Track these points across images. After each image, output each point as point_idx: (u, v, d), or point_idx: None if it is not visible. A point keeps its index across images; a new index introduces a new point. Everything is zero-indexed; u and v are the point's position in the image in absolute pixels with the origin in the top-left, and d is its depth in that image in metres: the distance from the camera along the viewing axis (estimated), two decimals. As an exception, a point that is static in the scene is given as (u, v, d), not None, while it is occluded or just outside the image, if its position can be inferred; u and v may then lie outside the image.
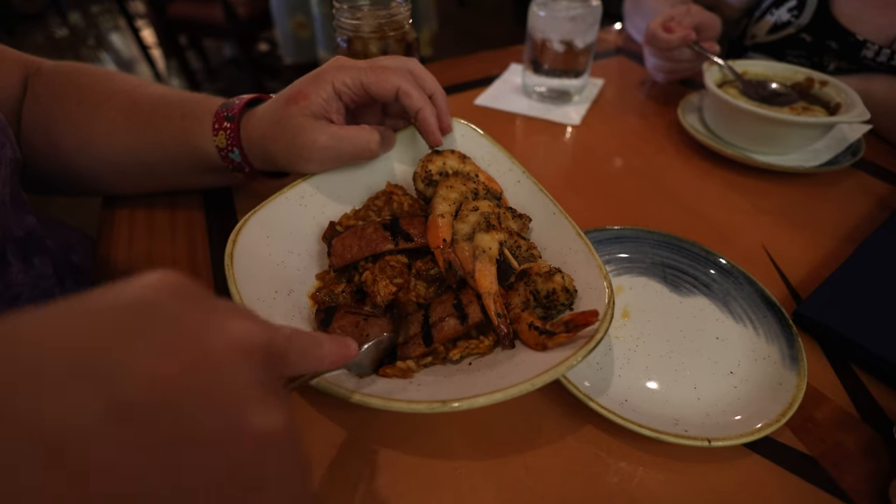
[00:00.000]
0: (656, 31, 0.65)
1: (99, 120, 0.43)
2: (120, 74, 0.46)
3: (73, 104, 0.43)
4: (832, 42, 0.66)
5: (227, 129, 0.41)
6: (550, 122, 0.67)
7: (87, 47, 3.09)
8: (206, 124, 0.41)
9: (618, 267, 0.43)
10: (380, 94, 0.39)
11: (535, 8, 0.65)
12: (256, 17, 2.04)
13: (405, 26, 0.51)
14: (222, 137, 0.41)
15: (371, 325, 0.34)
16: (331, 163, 0.40)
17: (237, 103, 0.42)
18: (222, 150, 0.41)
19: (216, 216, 0.49)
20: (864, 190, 0.55)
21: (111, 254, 0.45)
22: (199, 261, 0.45)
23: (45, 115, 0.43)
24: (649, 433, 0.30)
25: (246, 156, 0.42)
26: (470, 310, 0.33)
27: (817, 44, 0.68)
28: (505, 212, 0.39)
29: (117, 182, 0.47)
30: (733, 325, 0.38)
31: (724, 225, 0.50)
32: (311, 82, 0.39)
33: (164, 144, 0.43)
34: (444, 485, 0.30)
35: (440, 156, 0.42)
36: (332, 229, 0.40)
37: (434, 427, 0.33)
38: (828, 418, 0.33)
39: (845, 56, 0.66)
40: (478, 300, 0.34)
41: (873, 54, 0.63)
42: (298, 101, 0.38)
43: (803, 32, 0.69)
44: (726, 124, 0.59)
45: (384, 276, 0.36)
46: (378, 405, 0.27)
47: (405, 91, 0.38)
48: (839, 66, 0.67)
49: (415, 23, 0.52)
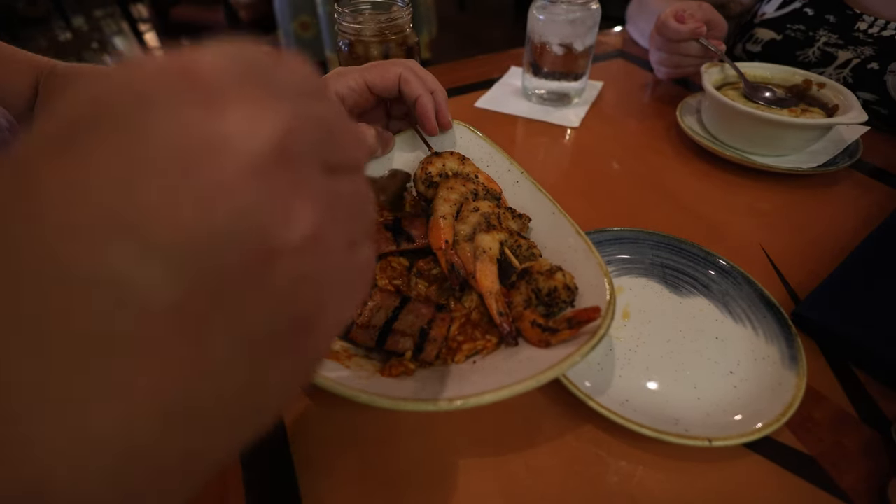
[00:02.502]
0: (667, 20, 0.65)
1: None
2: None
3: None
4: (830, 15, 0.68)
5: None
6: (550, 124, 0.68)
7: (90, 51, 3.11)
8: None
9: (617, 268, 0.43)
10: (384, 86, 0.40)
11: (534, 11, 0.65)
12: (258, 21, 2.05)
13: (406, 30, 0.52)
14: None
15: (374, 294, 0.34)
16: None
17: None
18: None
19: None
20: (861, 191, 0.55)
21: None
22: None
23: None
24: (650, 433, 0.30)
25: None
26: (428, 346, 0.32)
27: (817, 17, 0.69)
28: (505, 212, 0.39)
29: None
30: (733, 326, 0.39)
31: (723, 226, 0.50)
32: None
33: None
34: (444, 484, 0.30)
35: (440, 157, 0.42)
36: None
37: (434, 426, 0.33)
38: (827, 418, 0.33)
39: (838, 30, 0.67)
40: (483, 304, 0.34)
41: (867, 26, 0.64)
42: None
43: (806, 7, 0.70)
44: (725, 126, 0.59)
45: (384, 275, 0.36)
46: (386, 405, 0.27)
47: (405, 78, 0.40)
48: (829, 39, 0.68)
49: (415, 26, 0.52)
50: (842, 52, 0.66)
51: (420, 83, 0.41)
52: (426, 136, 0.45)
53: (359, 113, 0.43)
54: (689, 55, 0.67)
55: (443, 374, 0.32)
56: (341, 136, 0.16)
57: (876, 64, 0.64)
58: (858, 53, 0.65)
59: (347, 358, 0.33)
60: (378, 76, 0.40)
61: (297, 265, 0.13)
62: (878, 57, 0.63)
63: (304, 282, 0.13)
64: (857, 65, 0.65)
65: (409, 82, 0.40)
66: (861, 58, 0.65)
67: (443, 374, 0.32)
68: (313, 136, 0.14)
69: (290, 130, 0.13)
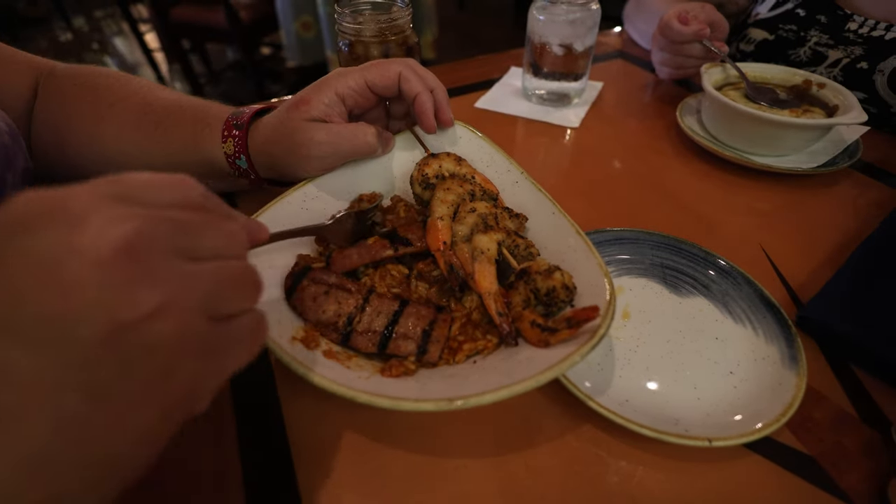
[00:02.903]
0: (671, 22, 0.65)
1: (110, 118, 0.43)
2: (136, 78, 0.46)
3: (87, 104, 0.43)
4: (822, 16, 0.68)
5: (235, 137, 0.41)
6: (550, 124, 0.68)
7: (90, 52, 3.11)
8: (215, 131, 0.42)
9: (617, 268, 0.43)
10: (384, 84, 0.41)
11: (534, 11, 0.65)
12: (259, 21, 2.05)
13: (406, 30, 0.52)
14: (230, 145, 0.42)
15: (331, 298, 0.34)
16: (330, 159, 0.41)
17: (247, 112, 0.43)
18: (230, 156, 0.42)
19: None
20: (861, 191, 0.55)
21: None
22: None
23: (56, 117, 0.44)
24: (650, 433, 0.30)
25: (252, 163, 0.42)
26: (432, 347, 0.32)
27: (809, 18, 0.69)
28: (502, 212, 0.39)
29: None
30: (733, 326, 0.39)
31: (723, 226, 0.50)
32: (314, 90, 0.40)
33: (172, 147, 0.43)
34: (445, 484, 0.30)
35: (436, 159, 0.42)
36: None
37: (434, 426, 0.33)
38: (827, 418, 0.33)
39: (829, 30, 0.67)
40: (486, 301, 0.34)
41: (857, 26, 0.65)
42: (300, 106, 0.39)
43: (798, 8, 0.71)
44: (725, 126, 0.59)
45: (384, 283, 0.36)
46: (386, 405, 0.27)
47: (405, 76, 0.41)
48: (820, 39, 0.68)
49: (417, 27, 0.52)
50: (832, 51, 0.67)
51: (420, 81, 0.41)
52: (424, 134, 0.45)
53: (359, 113, 0.43)
54: (691, 56, 0.67)
55: (443, 374, 0.32)
56: (202, 233, 0.20)
57: (865, 63, 0.64)
58: (848, 53, 0.65)
59: (347, 358, 0.33)
60: (378, 75, 0.40)
61: (146, 332, 0.17)
62: (868, 56, 0.64)
63: (156, 345, 0.17)
64: (847, 64, 0.65)
65: (408, 80, 0.41)
66: (851, 57, 0.65)
67: (443, 374, 0.32)
68: (166, 235, 0.18)
69: (139, 232, 0.17)
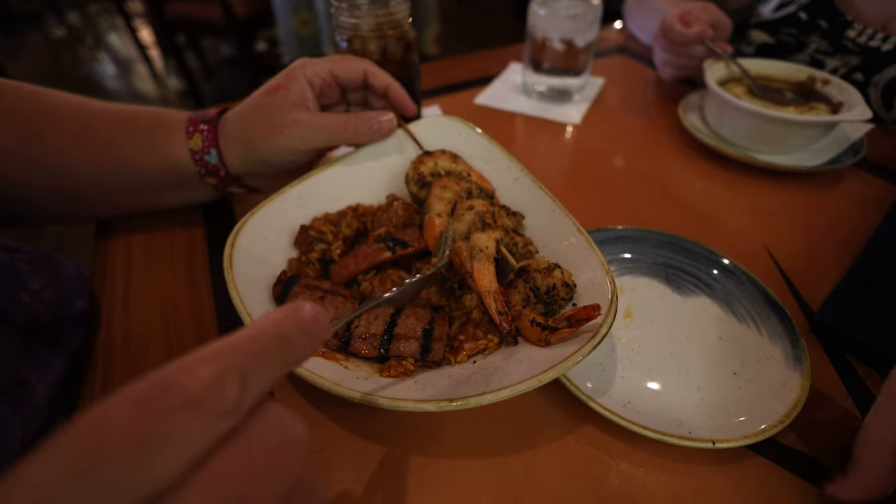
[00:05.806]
0: (673, 24, 0.64)
1: (48, 150, 0.40)
2: (49, 93, 0.42)
3: (15, 135, 0.39)
4: (822, 21, 0.68)
5: (203, 132, 0.41)
6: (550, 121, 0.67)
7: (84, 47, 3.08)
8: (177, 132, 0.42)
9: (620, 267, 0.43)
10: (349, 76, 0.43)
11: (535, 6, 0.64)
12: (255, 16, 2.03)
13: (404, 25, 0.51)
14: (198, 139, 0.41)
15: (327, 305, 0.34)
16: (311, 135, 0.40)
17: (212, 111, 0.43)
18: (197, 152, 0.41)
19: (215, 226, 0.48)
20: (865, 188, 0.55)
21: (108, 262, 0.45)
22: (198, 265, 0.44)
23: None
24: (653, 435, 0.30)
25: (223, 157, 0.42)
26: (435, 345, 0.32)
27: (810, 22, 0.69)
28: (499, 210, 0.39)
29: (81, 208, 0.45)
30: (736, 326, 0.38)
31: (726, 224, 0.50)
32: (285, 76, 0.41)
33: (128, 160, 0.41)
34: (444, 485, 0.30)
35: (431, 156, 0.42)
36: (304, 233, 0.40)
37: (434, 427, 0.32)
38: (831, 419, 0.33)
39: (829, 36, 0.67)
40: (485, 303, 0.34)
41: (855, 34, 0.65)
42: (278, 91, 0.40)
43: (801, 11, 0.70)
44: (728, 123, 0.59)
45: (383, 288, 0.36)
46: (386, 405, 0.27)
47: (372, 71, 0.43)
48: (819, 46, 0.68)
49: (418, 21, 0.52)
50: (830, 59, 0.67)
51: (385, 74, 0.44)
52: (420, 132, 0.44)
53: (327, 104, 0.45)
54: (694, 57, 0.66)
55: (443, 373, 0.32)
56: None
57: (860, 74, 0.64)
58: (845, 63, 0.66)
59: (346, 359, 0.32)
60: (344, 68, 0.43)
61: None
62: (863, 67, 0.64)
63: None
64: (844, 74, 0.66)
65: (376, 75, 0.44)
66: (847, 67, 0.65)
67: (443, 373, 0.32)
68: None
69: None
